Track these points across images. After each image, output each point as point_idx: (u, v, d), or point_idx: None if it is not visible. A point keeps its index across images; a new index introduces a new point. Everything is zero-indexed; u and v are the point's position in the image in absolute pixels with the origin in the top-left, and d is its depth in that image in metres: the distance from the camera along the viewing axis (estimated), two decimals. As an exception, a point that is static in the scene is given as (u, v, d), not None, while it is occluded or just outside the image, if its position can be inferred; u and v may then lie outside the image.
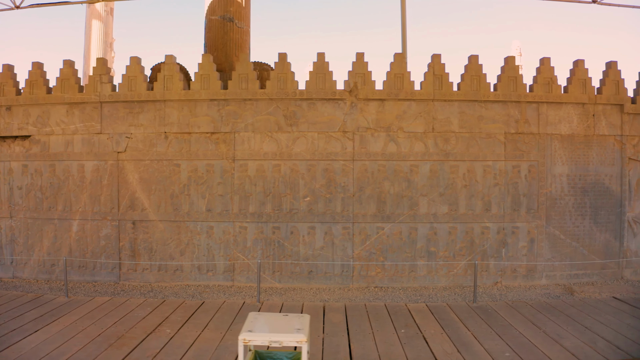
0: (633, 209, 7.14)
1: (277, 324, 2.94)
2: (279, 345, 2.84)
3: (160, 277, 6.81)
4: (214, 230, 6.72)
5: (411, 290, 6.64)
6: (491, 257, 6.82)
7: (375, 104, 6.66)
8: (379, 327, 5.10)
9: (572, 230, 6.97)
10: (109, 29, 14.49)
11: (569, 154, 6.93)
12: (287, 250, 6.69)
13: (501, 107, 6.79)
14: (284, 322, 2.95)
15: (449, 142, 6.72)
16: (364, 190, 6.67)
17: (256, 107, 6.67)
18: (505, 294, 6.55)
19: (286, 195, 6.66)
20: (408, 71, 6.70)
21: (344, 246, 6.68)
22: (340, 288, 6.68)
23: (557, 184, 6.91)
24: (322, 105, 6.66)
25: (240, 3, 10.86)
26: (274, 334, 2.80)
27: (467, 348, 4.55)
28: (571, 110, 6.92)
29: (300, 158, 6.65)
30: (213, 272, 6.76)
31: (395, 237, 6.70)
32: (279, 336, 2.79)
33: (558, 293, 6.59)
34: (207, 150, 6.70)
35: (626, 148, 7.07)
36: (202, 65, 6.71)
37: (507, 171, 6.79)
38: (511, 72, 6.78)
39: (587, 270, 7.03)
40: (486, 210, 6.77)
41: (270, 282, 6.72)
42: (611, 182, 7.04)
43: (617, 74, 7.03)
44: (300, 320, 2.97)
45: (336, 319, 5.39)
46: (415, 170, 6.68)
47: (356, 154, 6.65)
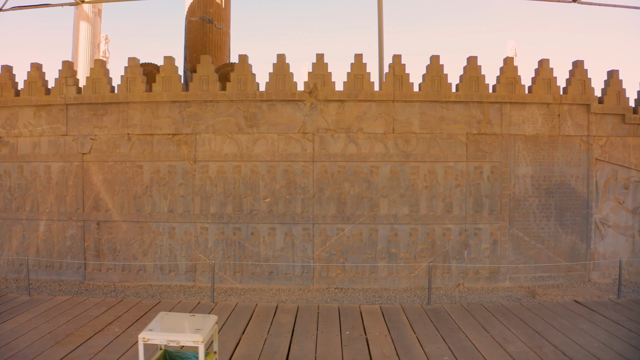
0: (601, 210, 7.09)
1: (180, 324, 3.02)
2: (177, 345, 2.92)
3: (124, 277, 6.95)
4: (176, 230, 6.83)
5: (371, 292, 6.68)
6: (453, 258, 6.83)
7: (335, 105, 6.72)
8: (325, 329, 5.15)
9: (537, 231, 6.94)
10: (96, 30, 14.73)
11: (533, 154, 6.90)
12: (247, 251, 6.77)
13: (463, 107, 6.79)
14: (188, 322, 3.03)
15: (409, 143, 6.75)
16: (324, 192, 6.72)
17: (217, 109, 6.77)
18: (465, 296, 6.55)
19: (247, 196, 6.75)
20: (368, 72, 6.74)
21: (304, 247, 6.75)
22: (300, 289, 6.75)
23: (520, 185, 6.89)
24: (282, 107, 6.73)
25: (219, 4, 10.99)
26: (172, 334, 2.88)
27: (407, 351, 4.58)
28: (535, 111, 6.90)
29: (261, 159, 6.73)
30: (175, 272, 6.87)
31: (356, 238, 6.74)
32: (176, 336, 2.87)
33: (520, 295, 6.57)
34: (169, 152, 6.82)
35: (593, 149, 7.01)
36: (164, 68, 6.83)
37: (469, 172, 6.79)
38: (473, 73, 6.78)
39: (552, 273, 6.99)
40: (447, 211, 6.78)
41: (232, 283, 6.81)
42: (577, 183, 7.00)
43: (583, 74, 6.98)
44: (204, 320, 3.04)
45: (285, 320, 5.46)
46: (375, 171, 6.72)
47: (316, 155, 6.71)
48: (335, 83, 6.77)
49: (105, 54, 22.95)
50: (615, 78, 7.08)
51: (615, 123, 7.07)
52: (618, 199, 7.11)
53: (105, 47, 23.01)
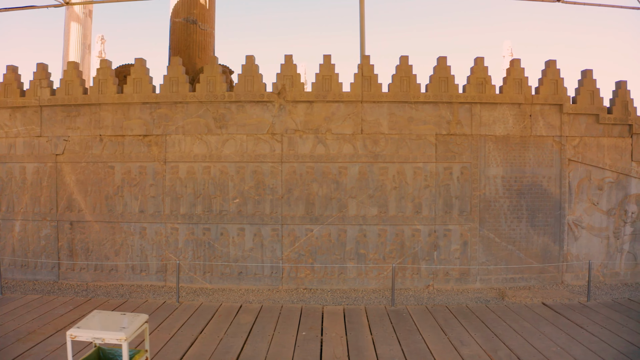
0: (574, 211, 7.07)
1: (108, 322, 3.11)
2: (102, 342, 3.01)
3: (96, 277, 7.08)
4: (147, 231, 6.95)
5: (340, 293, 6.73)
6: (422, 259, 6.85)
7: (304, 106, 6.78)
8: (283, 330, 5.22)
9: (508, 233, 6.94)
10: (87, 31, 14.91)
11: (504, 155, 6.91)
12: (217, 251, 6.87)
13: (432, 108, 6.81)
14: (117, 321, 3.12)
15: (378, 144, 6.79)
16: (293, 192, 6.79)
17: (187, 110, 6.87)
18: (434, 297, 6.58)
19: (216, 196, 6.84)
20: (336, 73, 6.79)
21: (273, 248, 6.82)
22: (269, 289, 6.82)
23: (491, 186, 6.90)
24: (251, 108, 6.81)
25: (203, 5, 11.10)
26: (97, 331, 2.97)
27: (358, 352, 4.62)
28: (506, 111, 6.90)
29: (230, 160, 6.81)
30: (146, 272, 6.99)
31: (324, 238, 6.80)
32: (102, 333, 2.96)
33: (489, 297, 6.58)
34: (140, 153, 6.93)
35: (566, 149, 7.00)
36: (135, 69, 6.95)
37: (439, 173, 6.82)
38: (442, 73, 6.80)
39: (524, 274, 6.99)
40: (417, 212, 6.81)
41: (202, 283, 6.91)
42: (549, 184, 6.98)
43: (556, 73, 6.97)
44: (132, 319, 3.13)
45: (245, 320, 5.53)
46: (343, 172, 6.78)
47: (284, 156, 6.78)
48: (304, 84, 6.83)
49: (101, 54, 23.25)
50: (589, 77, 7.05)
51: (589, 123, 7.05)
52: (592, 200, 7.09)
53: (101, 47, 23.31)
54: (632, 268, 7.26)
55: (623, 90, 7.12)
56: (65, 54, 14.82)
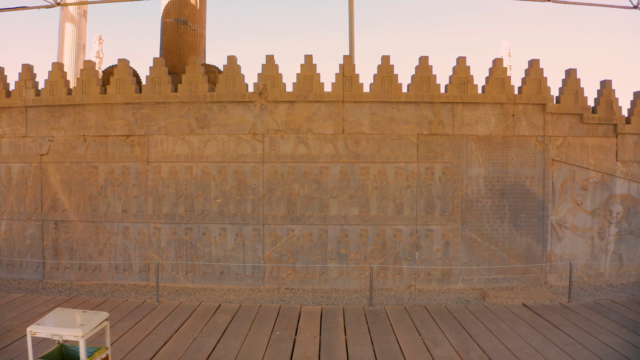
0: (557, 211, 7.07)
1: (68, 320, 3.17)
2: (60, 339, 3.08)
3: (80, 276, 7.17)
4: (130, 230, 7.02)
5: (321, 293, 6.78)
6: (404, 260, 6.88)
7: (285, 106, 6.83)
8: (258, 329, 5.26)
9: (490, 233, 6.95)
10: (82, 31, 15.06)
11: (487, 155, 6.92)
12: (199, 251, 6.93)
13: (414, 108, 6.84)
14: (76, 318, 3.18)
15: (359, 144, 6.82)
16: (274, 192, 6.84)
17: (169, 110, 6.94)
18: (415, 297, 6.60)
19: (198, 196, 6.91)
20: (318, 73, 6.83)
21: (254, 247, 6.88)
22: (250, 289, 6.88)
23: (473, 186, 6.91)
24: (233, 108, 6.87)
25: (194, 6, 11.18)
26: (56, 328, 3.04)
27: (330, 352, 4.66)
28: (489, 111, 6.91)
29: (211, 160, 6.88)
30: (129, 271, 7.07)
31: (306, 238, 6.85)
32: (60, 330, 3.03)
33: (470, 298, 6.59)
34: (123, 153, 7.01)
35: (549, 149, 6.99)
36: (117, 70, 7.03)
37: (420, 173, 6.84)
38: (424, 73, 6.82)
39: (507, 275, 7.00)
40: (398, 212, 6.84)
41: (184, 283, 6.98)
42: (532, 184, 6.99)
43: (539, 73, 6.97)
44: (92, 317, 3.19)
45: (222, 319, 5.59)
46: (325, 172, 6.82)
47: (266, 156, 6.84)
48: (285, 84, 6.88)
49: (99, 54, 23.42)
50: (573, 77, 7.04)
51: (573, 123, 7.04)
52: (576, 200, 7.08)
53: (99, 47, 23.48)
54: (617, 269, 7.25)
55: (608, 90, 7.11)
56: (60, 54, 14.97)
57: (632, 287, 7.12)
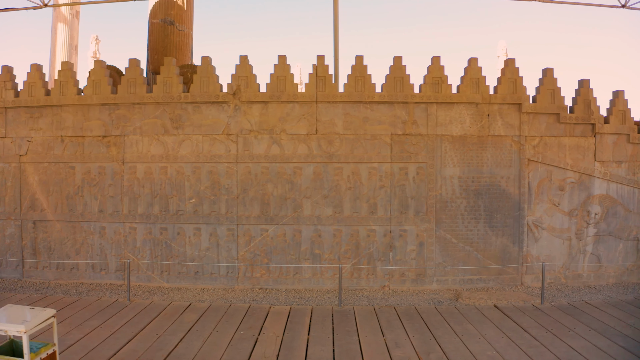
0: (534, 212, 7.06)
1: (15, 316, 3.28)
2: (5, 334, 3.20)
3: (58, 275, 7.30)
4: (106, 230, 7.14)
5: (294, 293, 6.84)
6: (378, 260, 6.92)
7: (259, 107, 6.90)
8: (222, 328, 5.34)
9: (465, 233, 6.97)
10: (74, 32, 15.27)
11: (461, 155, 6.94)
12: (174, 250, 7.03)
13: (387, 108, 6.88)
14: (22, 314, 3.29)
15: (332, 144, 6.88)
16: (248, 192, 6.92)
17: (144, 111, 7.04)
18: (387, 298, 6.64)
19: (173, 196, 7.01)
20: (291, 73, 6.90)
21: (228, 247, 6.96)
22: (225, 289, 6.97)
23: (448, 186, 6.93)
24: (207, 108, 6.96)
25: (181, 6, 11.30)
26: (1, 324, 3.16)
27: (289, 352, 4.71)
28: (463, 111, 6.93)
29: (186, 160, 6.97)
30: (106, 271, 7.19)
31: (280, 239, 6.92)
32: (5, 325, 3.14)
33: (444, 299, 6.62)
34: (99, 153, 7.13)
35: (525, 149, 7.00)
36: (94, 71, 7.15)
37: (394, 173, 6.88)
38: (398, 73, 6.86)
39: (482, 276, 7.02)
40: (372, 212, 6.89)
41: (159, 282, 7.09)
42: (508, 184, 6.99)
43: (515, 72, 6.97)
44: (37, 313, 3.29)
45: (189, 318, 5.67)
46: (298, 172, 6.88)
47: (239, 156, 6.92)
48: (259, 85, 6.96)
49: (95, 54, 23.70)
50: (550, 76, 7.03)
51: (550, 123, 7.04)
52: (553, 201, 7.08)
53: (96, 47, 23.76)
54: (596, 270, 7.23)
55: (585, 89, 7.09)
56: (52, 54, 15.19)
57: (611, 289, 7.10)
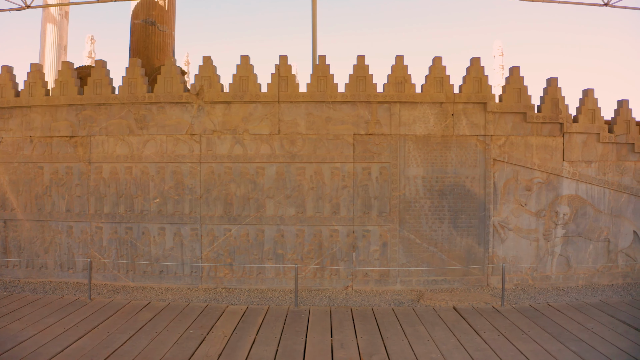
0: (500, 212, 7.06)
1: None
2: None
3: (27, 274, 7.49)
4: (73, 229, 7.31)
5: (257, 292, 6.94)
6: (341, 260, 6.98)
7: (222, 107, 7.00)
8: (173, 327, 5.44)
9: (429, 234, 7.00)
10: (63, 32, 15.54)
11: (425, 155, 6.96)
12: (139, 250, 7.17)
13: (350, 108, 6.93)
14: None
15: (295, 144, 6.95)
16: (211, 192, 7.03)
17: (110, 111, 7.19)
18: (349, 298, 6.70)
19: (137, 196, 7.15)
20: (255, 74, 6.99)
21: (192, 247, 7.08)
22: (189, 288, 7.09)
23: (411, 187, 6.96)
24: (171, 109, 7.08)
25: (162, 7, 11.47)
26: None
27: (232, 352, 4.77)
28: (427, 110, 6.95)
29: (150, 160, 7.10)
30: (73, 269, 7.36)
31: (243, 238, 7.02)
32: None
33: (406, 299, 6.65)
34: (67, 154, 7.30)
35: (490, 149, 6.99)
36: (61, 72, 7.31)
37: (357, 173, 6.93)
38: (360, 72, 6.90)
39: (447, 277, 7.04)
40: (334, 212, 6.94)
41: (125, 281, 7.23)
42: (473, 184, 7.00)
43: (480, 71, 6.97)
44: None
45: (144, 317, 5.78)
46: (261, 172, 6.97)
47: (203, 156, 7.02)
48: (223, 85, 7.06)
49: (91, 54, 24.05)
50: (516, 75, 7.02)
51: (516, 122, 7.02)
52: (519, 201, 7.06)
53: (91, 47, 24.11)
54: (565, 272, 7.20)
55: (553, 88, 7.07)
56: (41, 55, 15.48)
57: (580, 291, 7.07)
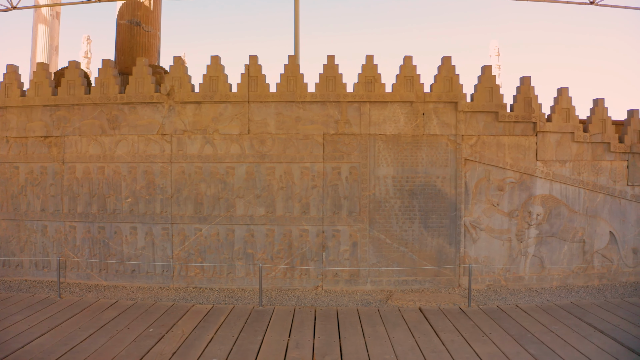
0: (471, 212, 7.08)
1: None
2: None
3: (4, 272, 7.67)
4: (48, 229, 7.47)
5: (227, 292, 7.03)
6: (311, 260, 7.06)
7: (192, 107, 7.11)
8: (134, 326, 5.52)
9: (400, 234, 7.04)
10: (54, 33, 15.80)
11: (395, 154, 7.00)
12: (112, 249, 7.31)
13: (320, 107, 7.00)
14: None
15: (265, 144, 7.03)
16: (182, 192, 7.14)
17: (83, 112, 7.33)
18: (318, 298, 6.77)
19: (110, 196, 7.28)
20: (225, 74, 7.08)
21: (163, 246, 7.20)
22: (160, 287, 7.21)
23: (381, 186, 7.01)
24: (142, 109, 7.21)
25: (147, 7, 11.62)
26: None
27: (186, 350, 4.82)
28: (398, 110, 6.99)
29: (122, 160, 7.23)
30: (48, 268, 7.52)
31: (213, 238, 7.12)
32: None
33: (375, 300, 6.70)
34: (41, 154, 7.46)
35: (462, 148, 7.02)
36: (36, 74, 7.47)
37: (327, 173, 6.99)
38: (330, 72, 6.97)
39: (418, 277, 7.07)
40: (304, 212, 7.02)
41: (98, 280, 7.37)
42: (444, 184, 7.03)
43: (450, 70, 7.00)
44: None
45: (109, 315, 5.89)
46: (231, 172, 7.06)
47: (174, 156, 7.14)
48: (194, 85, 7.17)
49: (87, 54, 24.37)
50: (488, 74, 7.04)
51: (488, 121, 7.04)
52: (491, 201, 7.08)
53: (87, 47, 24.43)
54: (538, 272, 7.20)
55: (526, 87, 7.07)
56: (33, 55, 15.75)
57: (553, 292, 7.07)
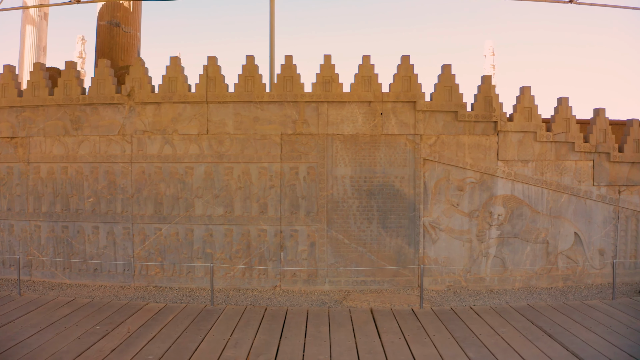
0: (431, 213, 7.14)
1: None
2: None
3: (-27, 271, 7.95)
4: (14, 228, 7.72)
5: (186, 291, 7.20)
6: (269, 260, 7.19)
7: (152, 108, 7.29)
8: (84, 323, 5.67)
9: (358, 234, 7.13)
10: (42, 34, 16.16)
11: (353, 154, 7.09)
12: (75, 248, 7.53)
13: (278, 107, 7.12)
14: None
15: (223, 144, 7.18)
16: (142, 192, 7.33)
17: (47, 113, 7.56)
18: (275, 298, 6.89)
19: (73, 196, 7.50)
20: (185, 75, 7.24)
21: (125, 246, 7.40)
22: (121, 286, 7.41)
23: (339, 186, 7.11)
24: (104, 110, 7.41)
25: (127, 8, 11.87)
26: None
27: (126, 347, 4.93)
28: (356, 109, 7.08)
29: (85, 160, 7.44)
30: (14, 267, 7.76)
31: (173, 237, 7.29)
32: None
33: (331, 300, 6.79)
34: (8, 154, 7.71)
35: (420, 148, 7.08)
36: (2, 76, 7.72)
37: (284, 173, 7.12)
38: (288, 72, 7.08)
39: (376, 277, 7.16)
40: (262, 212, 7.15)
41: (62, 278, 7.60)
42: (403, 184, 7.10)
43: (409, 69, 7.06)
44: None
45: (62, 313, 6.05)
46: (190, 172, 7.23)
47: (134, 157, 7.33)
48: (154, 86, 7.35)
49: (81, 54, 24.82)
50: (447, 73, 7.09)
51: (447, 121, 7.09)
52: (451, 201, 7.13)
53: (81, 47, 24.88)
54: (500, 274, 7.23)
55: (487, 86, 7.10)
56: (21, 56, 16.13)
57: (514, 294, 7.09)
